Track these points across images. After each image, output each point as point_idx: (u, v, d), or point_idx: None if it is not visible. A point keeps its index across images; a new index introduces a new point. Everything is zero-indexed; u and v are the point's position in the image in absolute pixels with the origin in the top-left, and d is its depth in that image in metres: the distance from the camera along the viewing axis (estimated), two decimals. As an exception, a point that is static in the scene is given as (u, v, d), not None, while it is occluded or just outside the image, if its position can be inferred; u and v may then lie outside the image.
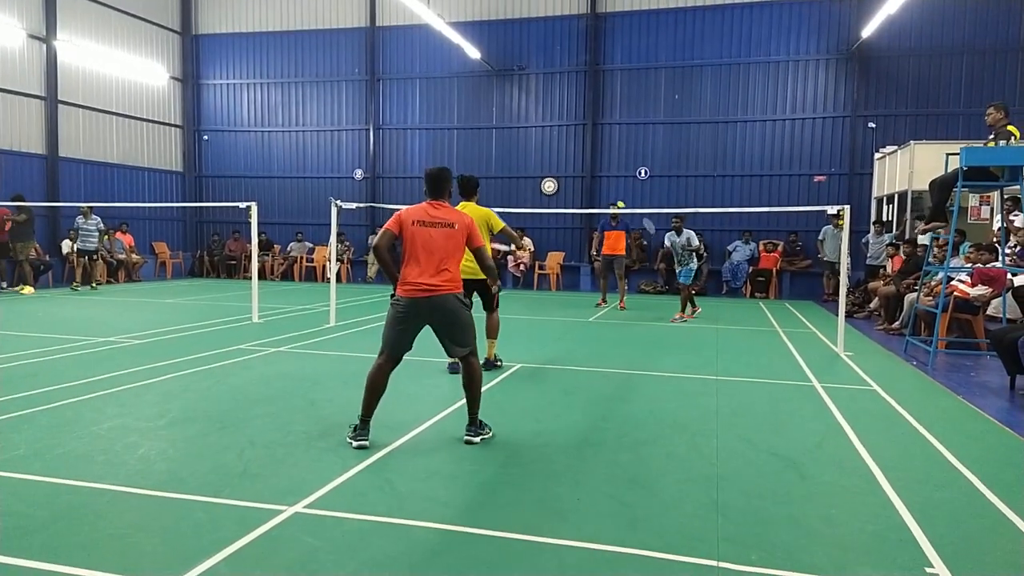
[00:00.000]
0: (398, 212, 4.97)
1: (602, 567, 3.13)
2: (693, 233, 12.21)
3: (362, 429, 4.79)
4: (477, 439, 4.90)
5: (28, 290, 14.83)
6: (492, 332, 7.38)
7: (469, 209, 6.96)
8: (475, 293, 6.99)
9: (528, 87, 19.47)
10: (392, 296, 4.90)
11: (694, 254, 11.97)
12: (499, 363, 7.55)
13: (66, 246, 17.29)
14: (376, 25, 20.29)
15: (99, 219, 16.19)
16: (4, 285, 15.50)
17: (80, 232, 15.86)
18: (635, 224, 17.87)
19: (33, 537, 3.30)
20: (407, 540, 3.36)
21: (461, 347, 4.95)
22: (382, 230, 4.94)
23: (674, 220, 12.05)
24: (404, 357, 5.00)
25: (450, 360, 7.00)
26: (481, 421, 5.02)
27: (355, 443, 4.72)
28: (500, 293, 7.33)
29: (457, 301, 4.86)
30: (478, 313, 6.50)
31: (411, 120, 20.36)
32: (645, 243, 18.45)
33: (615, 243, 13.73)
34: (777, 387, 7.02)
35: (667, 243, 12.23)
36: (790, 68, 17.77)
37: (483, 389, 6.18)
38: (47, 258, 16.84)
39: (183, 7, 21.55)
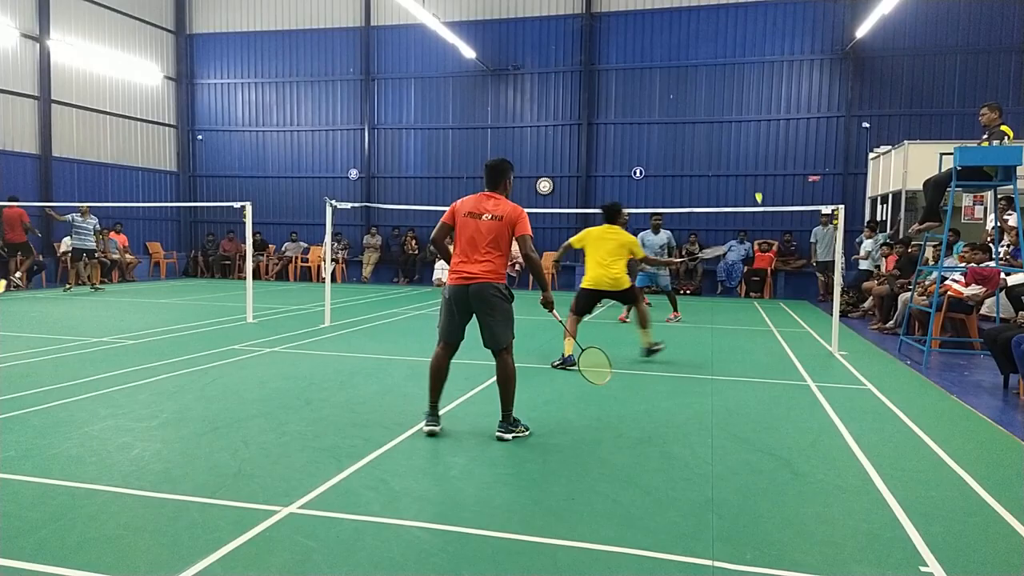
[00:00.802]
0: (454, 203, 5.13)
1: (597, 566, 3.13)
2: (670, 233, 12.34)
3: (431, 415, 5.04)
4: (508, 436, 4.92)
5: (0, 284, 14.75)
6: (643, 322, 8.16)
7: (613, 233, 8.01)
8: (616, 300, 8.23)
9: (523, 87, 19.47)
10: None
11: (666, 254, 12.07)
12: (658, 347, 8.21)
13: (65, 244, 17.18)
14: (371, 25, 20.27)
15: (96, 219, 16.12)
16: (18, 282, 15.91)
17: (76, 230, 15.78)
18: (632, 224, 17.85)
19: (26, 538, 3.28)
20: (401, 540, 3.35)
21: (494, 343, 5.02)
22: (439, 223, 5.15)
23: (655, 217, 12.08)
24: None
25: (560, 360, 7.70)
26: (516, 419, 5.03)
27: (426, 428, 5.00)
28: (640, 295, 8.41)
29: (496, 291, 4.93)
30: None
31: (406, 120, 20.35)
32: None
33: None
34: (772, 386, 7.03)
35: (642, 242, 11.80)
36: (784, 68, 17.81)
37: (477, 388, 6.20)
38: (40, 258, 16.77)
39: (177, 6, 21.50)
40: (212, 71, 21.69)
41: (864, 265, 14.21)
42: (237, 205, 11.77)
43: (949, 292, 9.31)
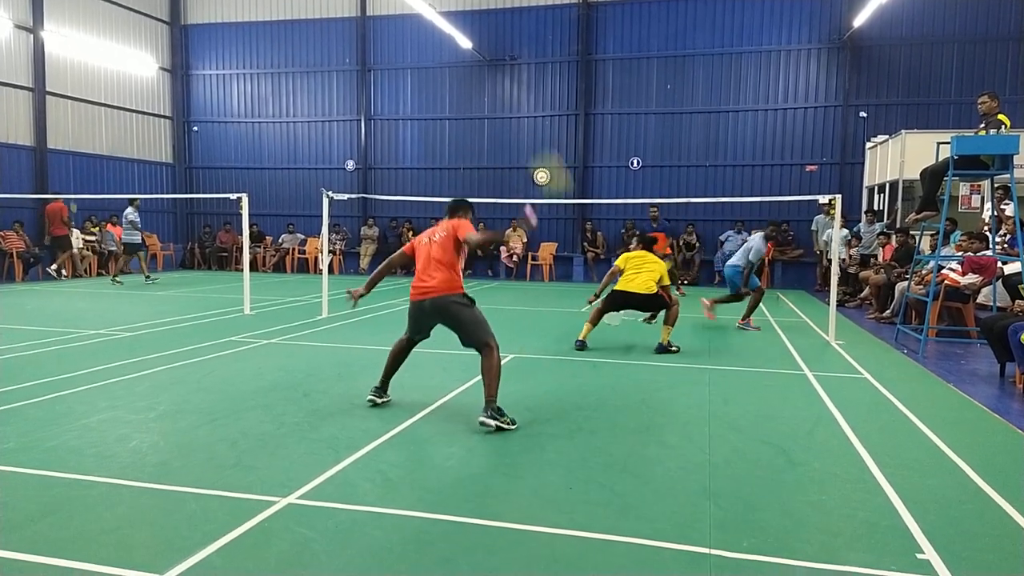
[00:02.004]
0: (412, 240, 5.59)
1: (594, 555, 3.14)
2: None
3: (376, 387, 5.55)
4: (492, 423, 4.92)
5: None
6: (669, 320, 8.33)
7: (648, 260, 8.45)
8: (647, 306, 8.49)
9: (520, 77, 19.40)
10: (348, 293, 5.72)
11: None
12: (673, 348, 8.16)
13: (77, 242, 17.17)
14: (367, 15, 20.16)
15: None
16: (64, 273, 16.49)
17: (129, 224, 15.90)
18: (629, 215, 17.88)
19: (24, 530, 3.29)
20: (399, 530, 3.37)
21: (472, 344, 5.21)
22: (400, 251, 5.62)
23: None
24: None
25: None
26: (500, 409, 5.02)
27: (367, 397, 5.50)
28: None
29: (453, 300, 5.17)
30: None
31: (403, 110, 20.27)
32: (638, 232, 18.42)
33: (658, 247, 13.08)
34: (769, 376, 7.04)
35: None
36: (782, 57, 17.76)
37: (474, 380, 6.20)
38: (36, 250, 16.73)
39: (172, -3, 21.37)
40: (207, 62, 21.57)
41: (842, 253, 14.20)
42: (233, 197, 11.73)
43: (946, 281, 9.33)
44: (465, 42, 18.20)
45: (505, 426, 4.96)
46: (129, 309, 11.33)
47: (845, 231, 14.51)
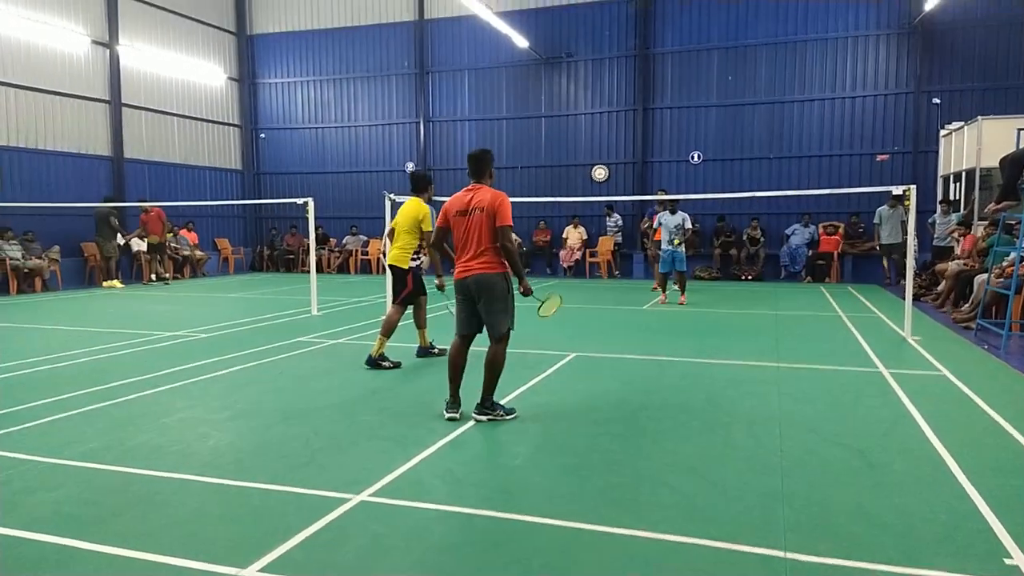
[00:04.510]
0: (444, 204, 5.30)
1: (667, 557, 3.12)
2: (686, 215, 12.34)
3: (450, 403, 5.26)
4: (483, 418, 5.13)
5: (115, 284, 16.29)
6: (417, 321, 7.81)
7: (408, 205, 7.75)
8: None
9: (576, 74, 19.33)
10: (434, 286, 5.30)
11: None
12: (435, 351, 7.80)
13: (135, 244, 17.94)
14: (424, 18, 20.39)
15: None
16: (168, 277, 17.66)
17: None
18: (690, 210, 17.57)
19: (109, 524, 3.45)
20: (469, 529, 3.41)
21: (492, 331, 5.18)
22: (436, 227, 5.40)
23: (660, 191, 12.33)
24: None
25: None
26: (495, 403, 5.21)
27: (446, 415, 5.20)
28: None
29: (495, 279, 5.08)
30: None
31: (460, 112, 20.44)
32: (698, 226, 18.06)
33: None
34: (841, 374, 6.85)
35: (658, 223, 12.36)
36: (848, 44, 17.21)
37: (540, 377, 6.22)
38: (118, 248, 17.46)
39: (237, 8, 22.03)
40: (272, 71, 22.18)
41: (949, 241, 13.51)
42: (300, 201, 12.05)
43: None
44: (521, 41, 18.24)
45: (499, 418, 5.13)
46: (203, 312, 11.75)
47: (954, 216, 13.63)
